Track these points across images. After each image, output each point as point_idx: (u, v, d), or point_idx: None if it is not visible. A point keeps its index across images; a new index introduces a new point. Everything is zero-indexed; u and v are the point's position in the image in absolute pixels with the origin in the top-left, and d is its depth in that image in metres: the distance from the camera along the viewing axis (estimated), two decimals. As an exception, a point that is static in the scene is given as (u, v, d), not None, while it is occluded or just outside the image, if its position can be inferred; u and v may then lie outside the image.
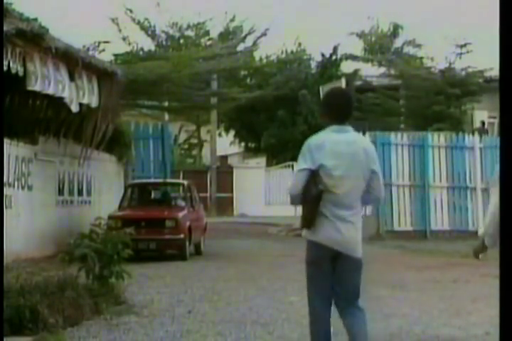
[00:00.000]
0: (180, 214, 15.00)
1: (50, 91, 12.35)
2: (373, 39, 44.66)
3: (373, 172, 5.20)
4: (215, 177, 33.74)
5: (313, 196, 5.05)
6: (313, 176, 5.06)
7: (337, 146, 5.10)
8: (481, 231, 4.66)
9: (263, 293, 9.96)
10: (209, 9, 56.87)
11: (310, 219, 5.09)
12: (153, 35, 35.65)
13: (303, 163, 5.11)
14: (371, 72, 34.12)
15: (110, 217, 14.04)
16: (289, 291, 9.80)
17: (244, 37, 34.58)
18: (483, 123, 28.07)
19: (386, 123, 28.36)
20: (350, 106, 5.24)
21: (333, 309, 5.18)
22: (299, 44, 36.17)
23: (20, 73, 11.25)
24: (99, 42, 22.02)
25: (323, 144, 5.10)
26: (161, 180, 19.41)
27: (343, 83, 21.59)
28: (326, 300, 5.16)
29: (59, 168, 15.47)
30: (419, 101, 30.27)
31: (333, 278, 5.15)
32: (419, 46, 42.31)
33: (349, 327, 5.13)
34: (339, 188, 5.08)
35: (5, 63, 10.60)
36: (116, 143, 18.06)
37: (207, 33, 36.62)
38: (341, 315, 5.17)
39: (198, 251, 15.78)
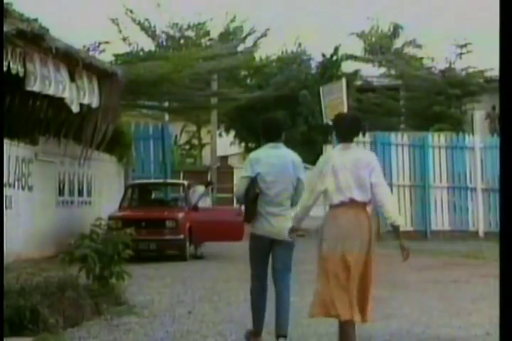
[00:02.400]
0: (181, 215, 14.99)
1: (51, 91, 12.34)
2: (373, 39, 44.65)
3: (299, 179, 6.71)
4: (216, 178, 33.70)
5: (251, 197, 6.61)
6: (253, 182, 6.62)
7: (270, 159, 6.70)
8: (292, 214, 6.59)
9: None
10: (209, 9, 56.90)
11: (250, 214, 6.70)
12: (153, 36, 35.59)
13: (245, 172, 6.74)
14: (371, 72, 34.10)
15: (110, 218, 14.03)
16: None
17: (245, 37, 34.57)
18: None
19: (386, 124, 28.37)
20: (274, 129, 6.87)
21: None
22: (299, 44, 36.16)
23: (21, 74, 11.24)
24: (100, 43, 22.02)
25: (260, 158, 6.74)
26: (161, 181, 19.41)
27: (343, 83, 21.52)
28: (263, 280, 6.71)
29: (59, 168, 15.48)
30: (420, 101, 30.26)
31: (271, 257, 6.72)
32: (419, 46, 42.30)
33: (276, 301, 6.66)
34: (271, 190, 6.64)
35: (5, 64, 10.59)
36: (116, 144, 18.05)
37: (207, 33, 36.54)
38: (275, 287, 6.70)
39: (197, 256, 15.62)
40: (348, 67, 33.29)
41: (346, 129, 6.33)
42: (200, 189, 17.02)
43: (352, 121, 6.46)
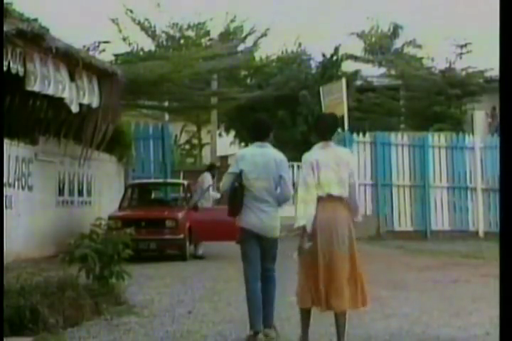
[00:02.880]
0: (180, 214, 14.98)
1: (50, 91, 12.34)
2: (373, 39, 44.59)
3: (281, 177, 7.03)
4: (216, 178, 33.63)
5: (232, 191, 7.01)
6: (236, 178, 7.00)
7: (254, 157, 7.06)
8: (302, 222, 6.53)
9: (263, 293, 9.93)
10: (209, 9, 56.73)
11: (232, 208, 7.06)
12: (153, 36, 35.54)
13: (231, 169, 7.18)
14: (371, 72, 34.06)
15: (110, 217, 14.01)
16: (289, 291, 9.76)
17: (245, 37, 34.54)
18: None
19: (386, 124, 28.33)
20: (262, 129, 7.20)
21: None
22: (299, 44, 36.09)
23: (21, 73, 11.24)
24: (100, 43, 21.98)
25: (245, 156, 7.15)
26: (161, 180, 19.41)
27: (343, 83, 21.52)
28: (255, 270, 7.06)
29: (59, 168, 15.48)
30: (420, 101, 30.24)
31: (260, 255, 7.08)
32: (419, 46, 42.20)
33: (262, 290, 7.08)
34: (253, 187, 6.99)
35: (5, 63, 10.59)
36: (116, 144, 18.05)
37: (207, 33, 36.49)
38: (261, 279, 7.08)
39: (197, 256, 15.54)
40: (348, 67, 33.18)
41: (326, 128, 6.82)
42: (209, 177, 17.10)
43: (331, 120, 6.98)
